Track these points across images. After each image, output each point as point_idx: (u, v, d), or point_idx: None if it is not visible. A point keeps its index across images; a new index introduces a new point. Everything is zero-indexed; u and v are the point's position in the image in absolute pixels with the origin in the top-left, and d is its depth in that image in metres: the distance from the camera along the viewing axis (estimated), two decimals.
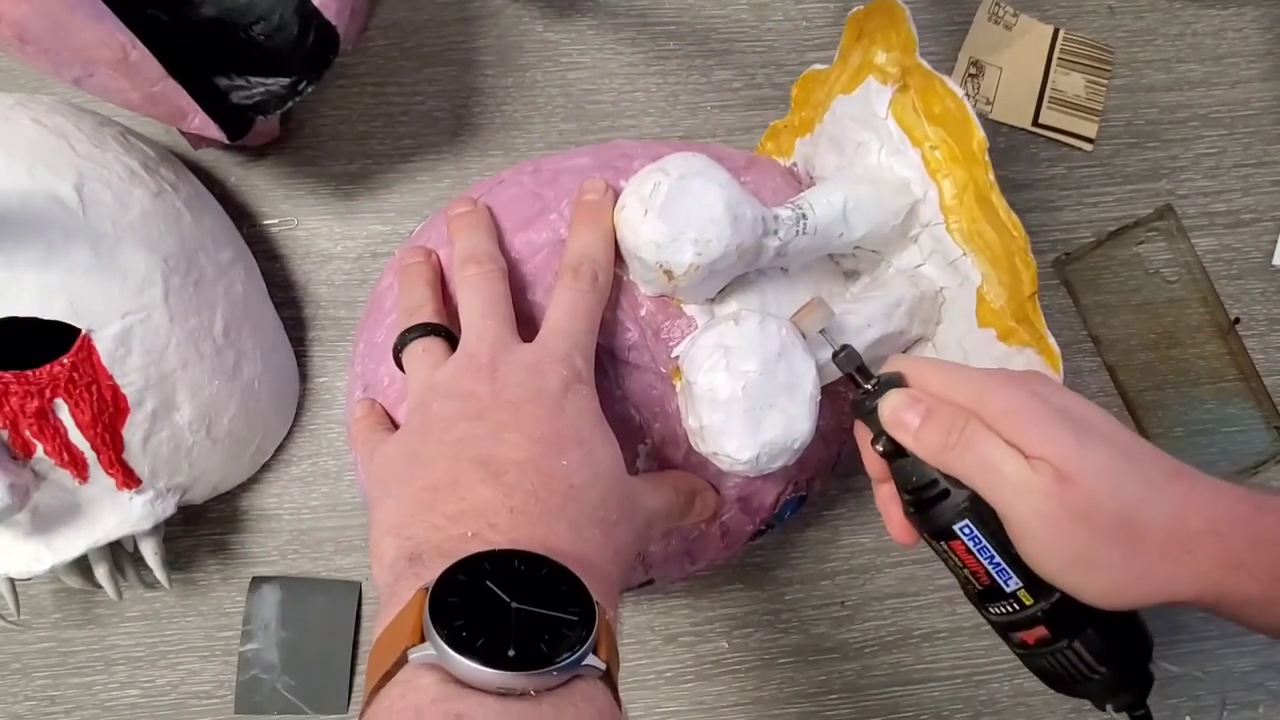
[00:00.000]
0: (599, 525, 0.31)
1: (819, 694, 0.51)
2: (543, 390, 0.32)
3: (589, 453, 0.32)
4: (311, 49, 0.42)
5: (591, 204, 0.38)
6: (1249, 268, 0.54)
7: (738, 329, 0.36)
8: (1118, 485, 0.30)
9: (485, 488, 0.29)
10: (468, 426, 0.31)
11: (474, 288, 0.36)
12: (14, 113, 0.43)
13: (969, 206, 0.38)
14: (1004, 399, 0.32)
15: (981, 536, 0.32)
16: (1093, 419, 0.32)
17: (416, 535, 0.29)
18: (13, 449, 0.40)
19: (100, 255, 0.40)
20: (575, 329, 0.35)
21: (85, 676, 0.49)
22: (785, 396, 0.35)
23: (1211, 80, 0.55)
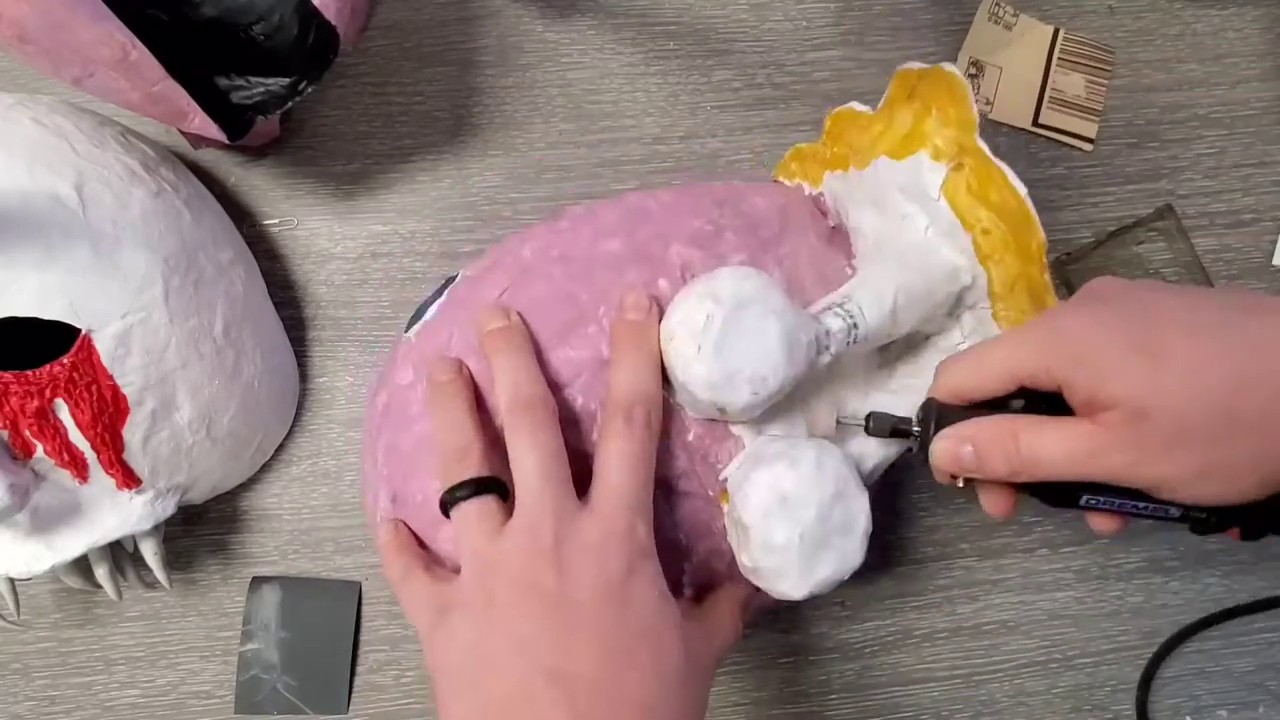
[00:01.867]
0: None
1: (819, 694, 0.51)
2: (611, 581, 0.32)
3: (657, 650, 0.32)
4: (311, 49, 0.42)
5: (635, 326, 0.35)
6: (1249, 268, 0.54)
7: (795, 474, 0.34)
8: (1203, 386, 0.28)
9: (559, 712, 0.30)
10: (536, 626, 0.31)
11: (530, 443, 0.33)
12: (14, 113, 0.43)
13: (1019, 298, 0.36)
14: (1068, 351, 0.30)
15: (1116, 499, 0.31)
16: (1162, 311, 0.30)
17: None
18: (13, 449, 0.40)
19: (100, 255, 0.40)
20: (634, 487, 0.33)
21: (85, 676, 0.49)
22: (840, 536, 0.35)
23: (1211, 80, 0.55)
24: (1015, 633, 0.51)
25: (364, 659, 0.50)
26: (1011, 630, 0.51)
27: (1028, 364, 0.31)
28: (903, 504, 0.51)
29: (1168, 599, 0.51)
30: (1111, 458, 0.29)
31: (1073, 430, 0.30)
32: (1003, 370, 0.31)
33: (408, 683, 0.50)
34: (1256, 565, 0.52)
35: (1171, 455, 0.29)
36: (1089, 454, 0.30)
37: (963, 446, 0.32)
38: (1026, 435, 0.31)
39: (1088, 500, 0.32)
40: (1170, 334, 0.29)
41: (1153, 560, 0.52)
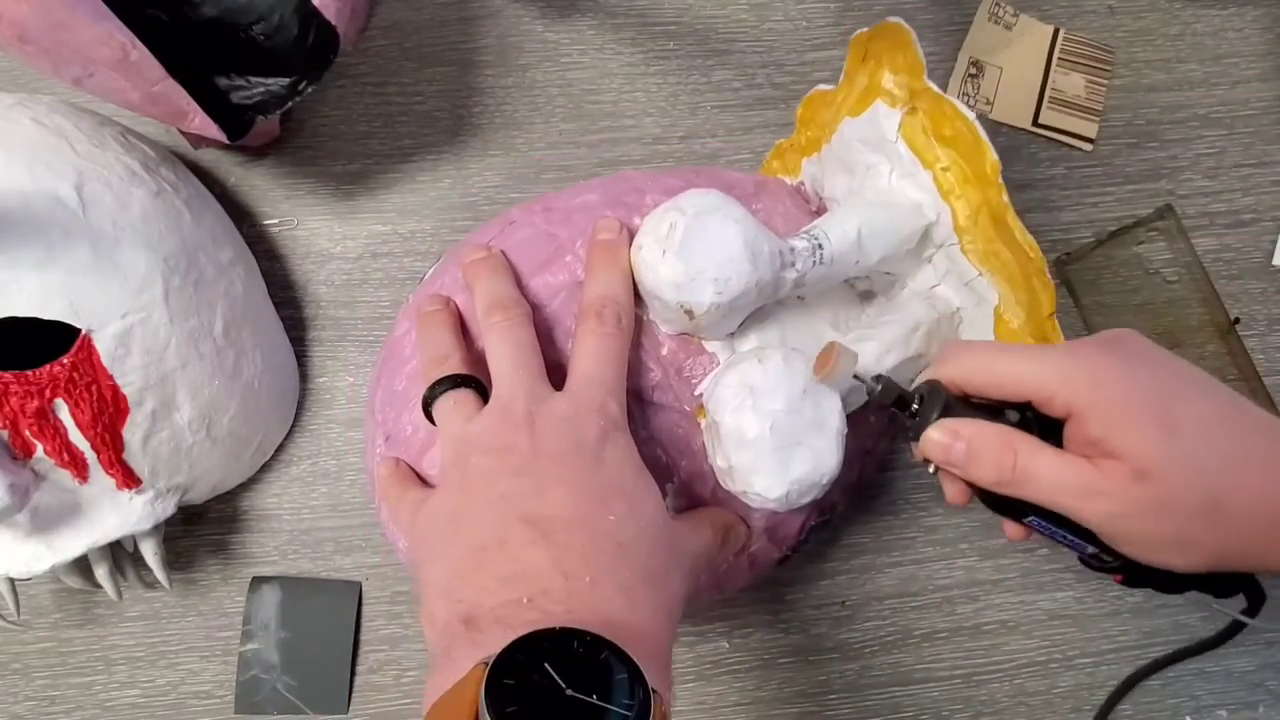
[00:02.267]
0: (649, 583, 0.31)
1: (819, 694, 0.51)
2: (582, 442, 0.32)
3: (633, 504, 0.32)
4: (311, 49, 0.42)
5: (607, 244, 0.37)
6: (1249, 268, 0.54)
7: (762, 367, 0.35)
8: (1203, 469, 0.29)
9: (535, 549, 0.29)
10: (510, 482, 0.31)
11: (501, 336, 0.35)
12: (14, 113, 0.43)
13: (983, 228, 0.38)
14: (1090, 390, 0.30)
15: (1054, 528, 0.33)
16: (1186, 386, 0.31)
17: (469, 598, 0.29)
18: (13, 449, 0.40)
19: (100, 255, 0.40)
20: (605, 375, 0.34)
21: (85, 676, 0.49)
22: (813, 433, 0.36)
23: (1211, 80, 0.55)
24: (1015, 633, 0.51)
25: (364, 659, 0.50)
26: (1011, 630, 0.51)
27: (1047, 385, 0.31)
28: (902, 504, 0.51)
29: (1167, 599, 0.51)
30: (1098, 502, 0.30)
31: (1070, 465, 0.30)
32: (1019, 380, 0.32)
33: (408, 683, 0.50)
34: None
35: (1153, 520, 0.30)
36: (1079, 491, 0.30)
37: (957, 443, 0.32)
38: (1025, 454, 0.31)
39: (1034, 520, 0.33)
40: (1188, 413, 0.30)
41: None
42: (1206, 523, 0.30)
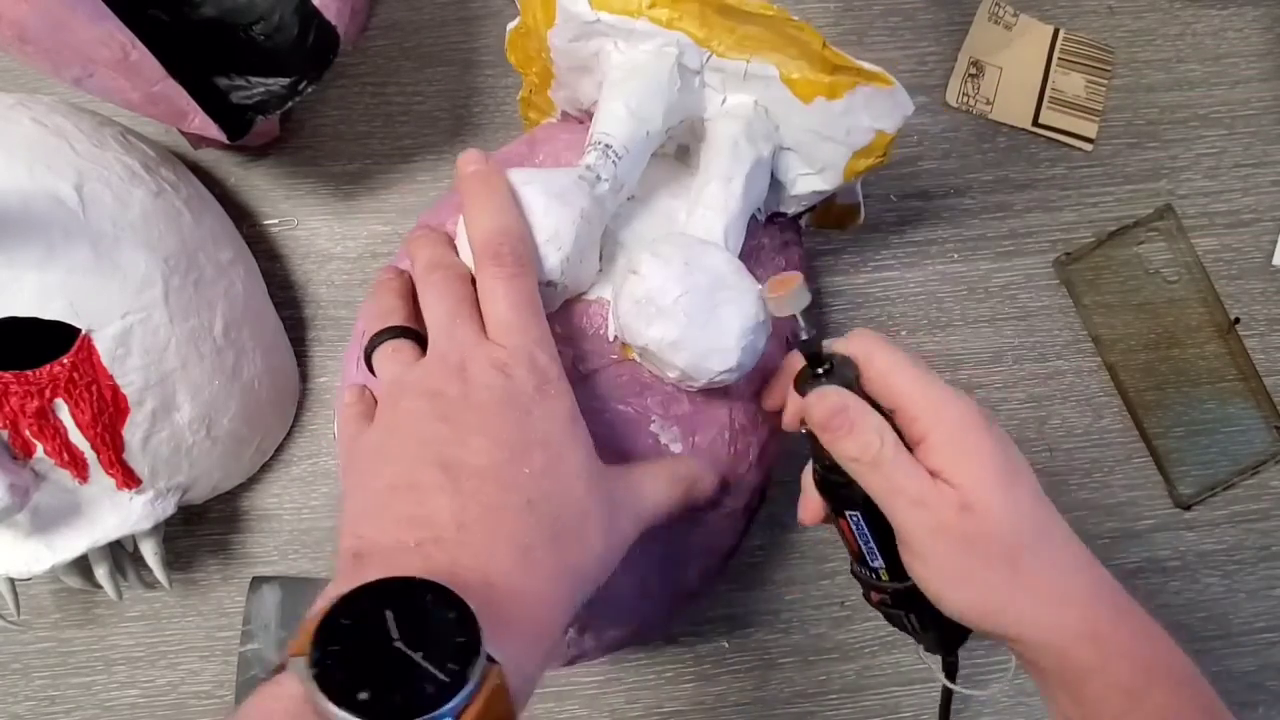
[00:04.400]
0: (553, 542, 0.30)
1: (819, 694, 0.51)
2: (511, 392, 0.32)
3: (555, 459, 0.31)
4: (311, 49, 0.42)
5: (477, 174, 0.36)
6: (1249, 268, 0.54)
7: (639, 277, 0.35)
8: (1021, 523, 0.32)
9: (441, 495, 0.29)
10: (434, 427, 0.31)
11: (440, 292, 0.35)
12: (14, 113, 0.43)
13: (715, 24, 0.38)
14: (954, 426, 0.33)
15: (865, 528, 0.35)
16: (1023, 465, 0.34)
17: (367, 535, 0.29)
18: (13, 449, 0.40)
19: (100, 255, 0.40)
20: (525, 322, 0.34)
21: (85, 676, 0.49)
22: (721, 291, 0.35)
23: (1211, 80, 0.55)
24: None
25: None
26: None
27: (919, 405, 0.34)
28: None
29: (1168, 599, 0.51)
30: (921, 512, 0.32)
31: (918, 473, 0.33)
32: (901, 392, 0.34)
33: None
34: (1257, 565, 0.52)
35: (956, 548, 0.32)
36: (912, 497, 0.32)
37: (842, 413, 0.33)
38: (889, 445, 0.33)
39: (854, 516, 0.36)
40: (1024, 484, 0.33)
41: (1153, 560, 0.52)
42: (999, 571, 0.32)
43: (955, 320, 0.53)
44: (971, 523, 0.32)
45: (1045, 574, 0.32)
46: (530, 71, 0.45)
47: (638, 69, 0.38)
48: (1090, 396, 0.53)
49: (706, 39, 0.38)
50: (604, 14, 0.38)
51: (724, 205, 0.38)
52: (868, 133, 0.39)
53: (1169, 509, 0.52)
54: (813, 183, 0.41)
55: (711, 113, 0.40)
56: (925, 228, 0.53)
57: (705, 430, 0.39)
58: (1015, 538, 0.32)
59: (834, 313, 0.53)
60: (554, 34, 0.40)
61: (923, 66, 0.55)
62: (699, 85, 0.40)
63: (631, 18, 0.38)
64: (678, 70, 0.38)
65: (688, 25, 0.38)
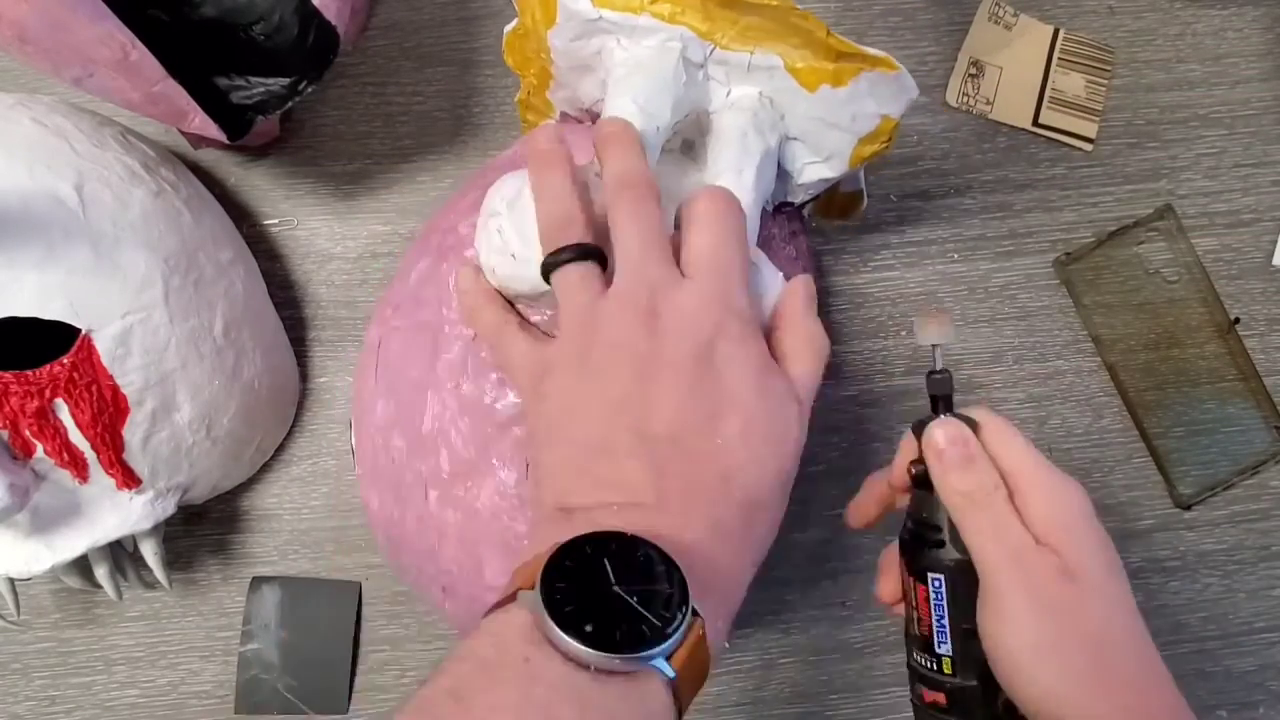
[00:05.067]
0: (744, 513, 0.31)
1: (820, 694, 0.51)
2: (700, 345, 0.32)
3: (747, 422, 0.32)
4: (311, 49, 0.42)
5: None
6: (1249, 268, 0.54)
7: None
8: (1112, 612, 0.31)
9: (636, 463, 0.31)
10: (625, 387, 0.31)
11: (631, 213, 0.33)
12: (14, 113, 0.43)
13: (717, 17, 0.38)
14: (1060, 502, 0.32)
15: (946, 597, 0.33)
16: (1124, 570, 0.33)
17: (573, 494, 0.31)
18: (13, 449, 0.40)
19: (100, 255, 0.40)
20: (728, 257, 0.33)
21: (85, 676, 0.49)
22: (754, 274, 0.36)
23: (1211, 80, 0.55)
24: None
25: (364, 659, 0.50)
26: None
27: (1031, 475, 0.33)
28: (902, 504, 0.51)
29: (1167, 599, 0.51)
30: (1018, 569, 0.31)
31: (1023, 530, 0.32)
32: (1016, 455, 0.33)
33: (408, 683, 0.50)
34: (1257, 565, 0.52)
35: (1047, 618, 0.31)
36: (1015, 547, 0.32)
37: (963, 446, 0.33)
38: (1004, 494, 0.33)
39: (936, 580, 0.34)
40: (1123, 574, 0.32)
41: (1153, 560, 0.52)
42: (1088, 652, 0.31)
43: (955, 320, 0.53)
44: (1071, 593, 0.31)
45: (1131, 672, 0.31)
46: (528, 73, 0.45)
47: (642, 65, 0.38)
48: (1090, 396, 0.53)
49: (710, 32, 0.38)
50: (606, 11, 0.38)
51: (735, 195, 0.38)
52: (873, 118, 0.39)
53: (1169, 509, 0.52)
54: (820, 170, 0.41)
55: (717, 106, 0.40)
56: (925, 228, 0.53)
57: None
58: (1110, 621, 0.31)
59: (834, 313, 0.53)
60: (554, 34, 0.40)
61: (923, 66, 0.55)
62: (703, 79, 0.40)
63: (634, 14, 0.38)
64: (682, 65, 0.38)
65: (690, 19, 0.38)
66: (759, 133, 0.39)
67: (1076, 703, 0.30)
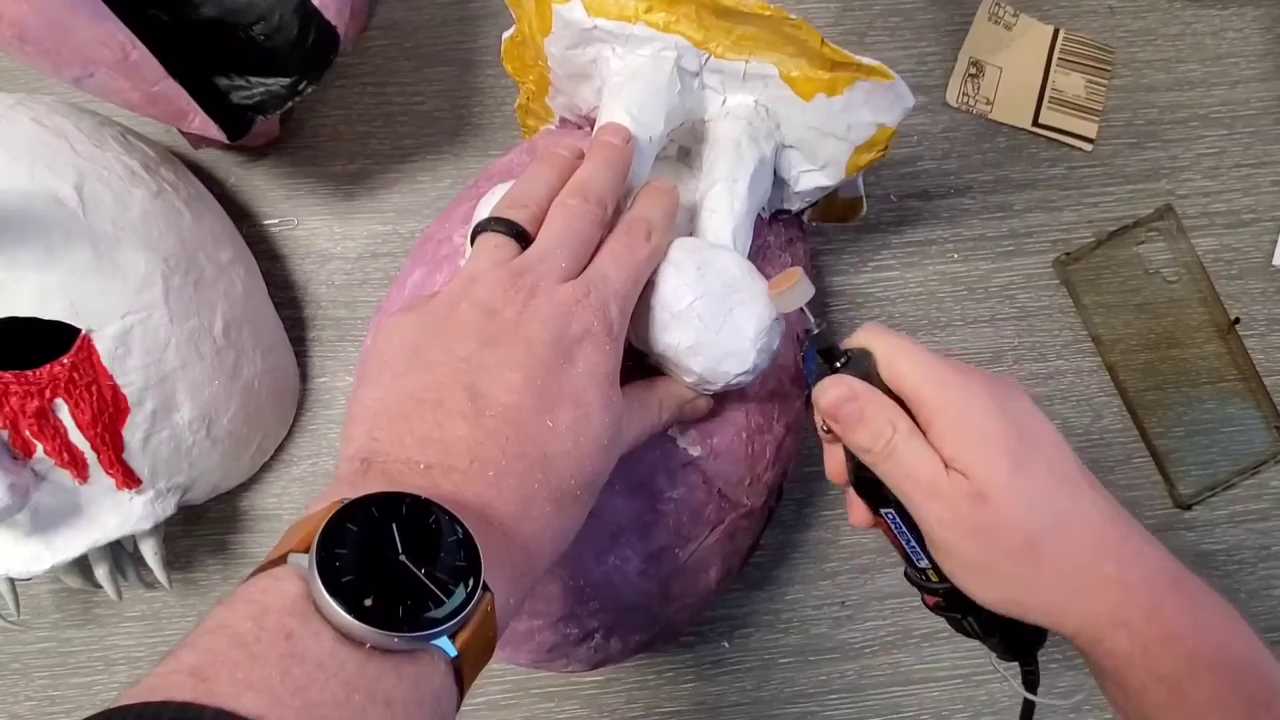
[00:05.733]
0: (555, 501, 0.30)
1: (819, 694, 0.51)
2: (561, 335, 0.32)
3: (581, 418, 0.31)
4: (311, 49, 0.42)
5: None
6: (1249, 268, 0.54)
7: (651, 284, 0.35)
8: (1036, 509, 0.32)
9: (463, 423, 0.29)
10: (477, 349, 0.31)
11: (565, 216, 0.34)
12: (14, 113, 0.43)
13: (712, 26, 0.38)
14: (960, 409, 0.33)
15: (903, 524, 0.35)
16: (1042, 441, 0.33)
17: (382, 441, 0.29)
18: (13, 449, 0.40)
19: (100, 255, 0.40)
20: (617, 277, 0.33)
21: (85, 676, 0.49)
22: (735, 293, 0.35)
23: (1211, 80, 0.55)
24: None
25: None
26: None
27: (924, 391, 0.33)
28: None
29: None
30: (934, 503, 0.32)
31: (930, 460, 0.32)
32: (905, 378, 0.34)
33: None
34: (1257, 566, 0.52)
35: (975, 541, 0.32)
36: (925, 486, 0.32)
37: (851, 402, 0.33)
38: (902, 433, 0.33)
39: (889, 513, 0.35)
40: (1038, 461, 0.32)
41: None
42: (1020, 561, 0.32)
43: (955, 320, 0.53)
44: (986, 513, 0.31)
45: (1068, 562, 0.31)
46: (527, 79, 0.45)
47: (637, 74, 0.38)
48: (1090, 396, 0.53)
49: (704, 41, 0.38)
50: (601, 20, 0.38)
51: (730, 207, 0.38)
52: (869, 127, 0.39)
53: (1169, 509, 0.52)
54: (816, 179, 0.41)
55: (712, 114, 0.40)
56: (925, 228, 0.53)
57: (722, 432, 0.39)
58: (1031, 525, 0.31)
59: (833, 313, 0.53)
60: (550, 42, 0.40)
61: (923, 66, 0.55)
62: (698, 87, 0.40)
63: (628, 23, 0.38)
64: (677, 73, 0.38)
65: (685, 28, 0.38)
66: (754, 141, 0.39)
67: (1028, 604, 0.32)
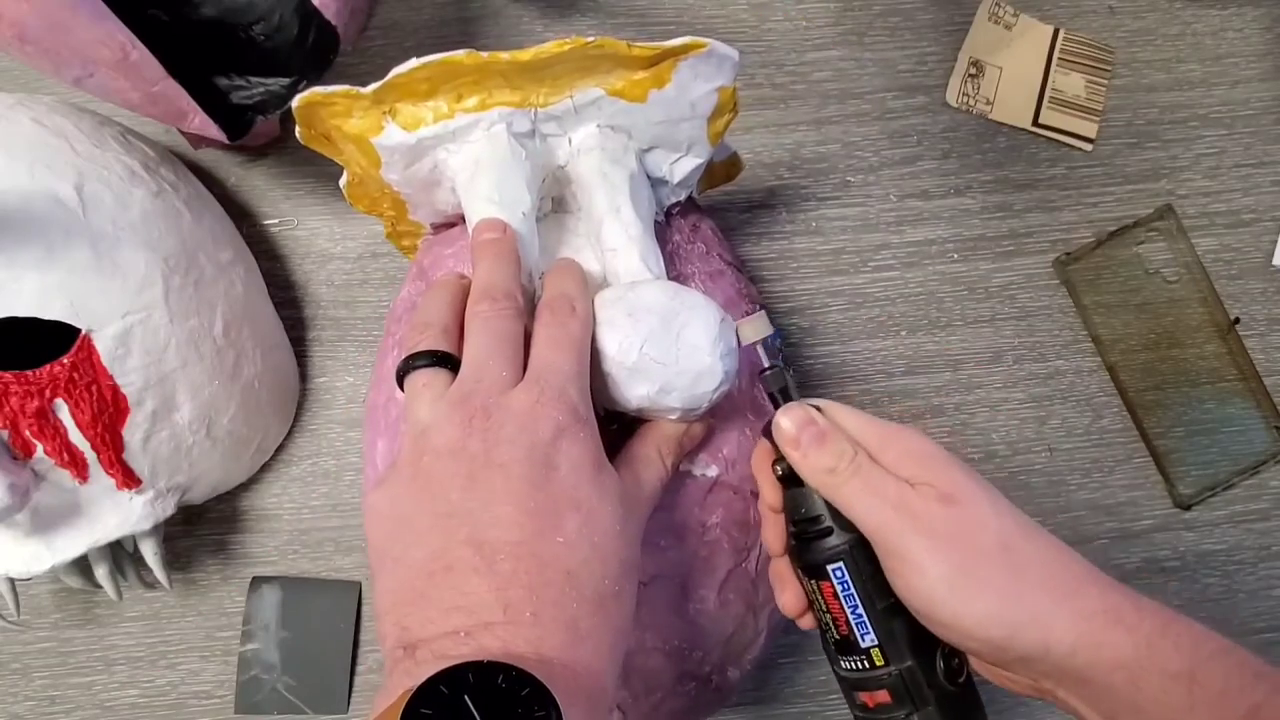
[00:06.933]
0: (599, 609, 0.30)
1: (819, 694, 0.51)
2: (535, 445, 0.31)
3: (587, 518, 0.31)
4: (311, 49, 0.42)
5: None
6: (1249, 268, 0.54)
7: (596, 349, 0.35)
8: (1001, 513, 0.31)
9: (479, 579, 0.29)
10: (459, 496, 0.30)
11: (482, 326, 0.34)
12: (14, 113, 0.43)
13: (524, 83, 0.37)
14: (907, 441, 0.33)
15: (851, 583, 0.32)
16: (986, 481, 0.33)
17: (413, 625, 0.29)
18: (13, 449, 0.40)
19: (100, 255, 0.40)
20: (563, 362, 0.33)
21: (85, 676, 0.49)
22: (674, 318, 0.35)
23: (1211, 80, 0.55)
24: None
25: (364, 659, 0.50)
26: None
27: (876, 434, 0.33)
28: None
29: (1167, 599, 0.51)
30: (904, 517, 0.31)
31: (892, 479, 0.32)
32: (857, 423, 0.34)
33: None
34: (1257, 565, 0.52)
35: (953, 545, 0.31)
36: (894, 498, 0.31)
37: (811, 427, 0.33)
38: (863, 455, 0.33)
39: (838, 569, 0.33)
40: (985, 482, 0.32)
41: (1152, 560, 0.52)
42: (998, 564, 0.30)
43: (955, 320, 0.53)
44: (957, 513, 0.31)
45: (1044, 563, 0.31)
46: (382, 209, 0.43)
47: (479, 161, 0.38)
48: (1090, 396, 0.53)
49: (524, 100, 0.37)
50: (421, 131, 0.37)
51: (627, 235, 0.38)
52: (710, 95, 0.39)
53: (1169, 509, 0.52)
54: (688, 163, 0.41)
55: (566, 157, 0.40)
56: (925, 228, 0.53)
57: (728, 441, 0.39)
58: (1002, 526, 0.31)
59: (833, 312, 0.53)
60: (385, 171, 0.39)
61: (923, 66, 0.55)
62: (541, 142, 0.39)
63: (447, 120, 0.37)
64: (515, 141, 0.38)
65: (500, 99, 0.37)
66: (615, 163, 0.39)
67: (1015, 616, 0.30)
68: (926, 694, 0.32)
